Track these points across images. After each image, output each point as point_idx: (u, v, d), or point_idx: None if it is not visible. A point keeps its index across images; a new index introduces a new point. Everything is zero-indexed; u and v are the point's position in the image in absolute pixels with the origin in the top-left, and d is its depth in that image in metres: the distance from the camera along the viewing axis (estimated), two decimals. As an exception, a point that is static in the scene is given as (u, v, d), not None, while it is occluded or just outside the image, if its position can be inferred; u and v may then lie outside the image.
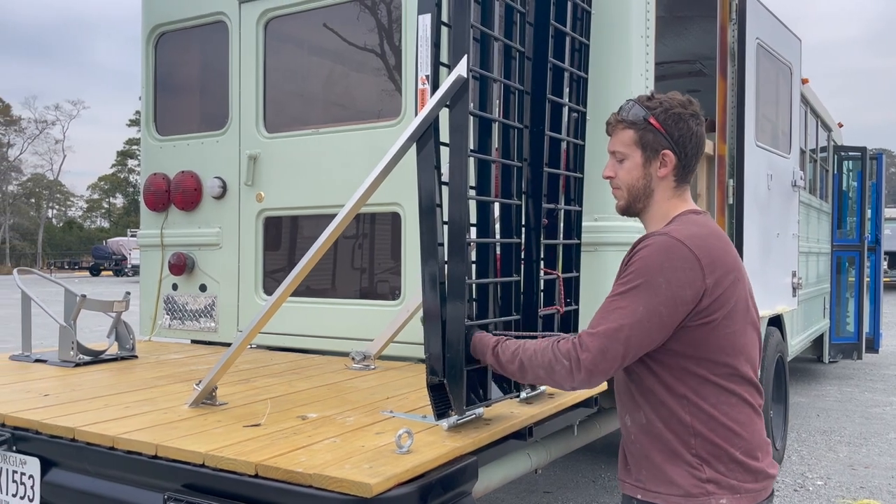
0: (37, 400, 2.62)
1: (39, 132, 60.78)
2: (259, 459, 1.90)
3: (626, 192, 1.93)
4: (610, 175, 1.95)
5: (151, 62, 4.49)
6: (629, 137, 1.89)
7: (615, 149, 1.93)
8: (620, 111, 1.93)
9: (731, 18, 4.46)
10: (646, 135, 1.87)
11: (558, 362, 1.82)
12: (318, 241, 2.36)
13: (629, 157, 1.90)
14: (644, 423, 1.83)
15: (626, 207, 1.96)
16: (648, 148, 1.88)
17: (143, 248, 4.52)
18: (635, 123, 1.88)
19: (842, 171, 8.83)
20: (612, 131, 1.95)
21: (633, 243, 1.83)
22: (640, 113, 1.88)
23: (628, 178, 1.91)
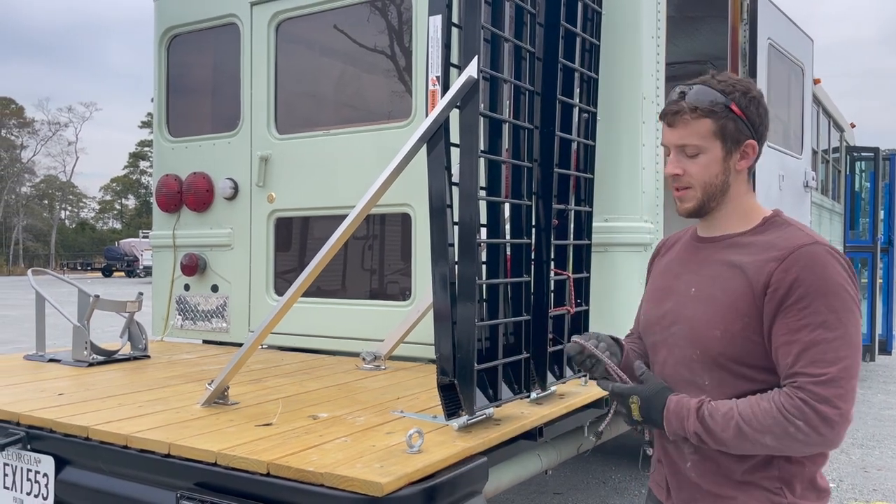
0: (51, 399, 2.64)
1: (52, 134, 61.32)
2: (271, 458, 1.91)
3: (701, 190, 1.65)
4: (677, 173, 1.66)
5: (164, 64, 4.52)
6: (706, 128, 1.61)
7: (687, 141, 1.63)
8: (689, 97, 1.62)
9: (743, 19, 4.44)
10: (727, 124, 1.60)
11: (792, 424, 1.47)
12: (329, 241, 2.37)
13: (706, 150, 1.62)
14: (712, 453, 1.60)
15: (697, 209, 1.67)
16: (729, 139, 1.62)
17: (155, 249, 4.55)
18: (714, 112, 1.60)
19: (854, 172, 8.78)
20: (677, 121, 1.63)
21: (787, 248, 1.55)
22: (720, 99, 1.60)
23: (705, 174, 1.63)
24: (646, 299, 1.85)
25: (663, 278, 1.79)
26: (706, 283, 1.65)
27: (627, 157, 3.18)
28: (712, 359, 1.60)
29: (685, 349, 1.65)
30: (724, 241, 1.68)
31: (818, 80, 6.18)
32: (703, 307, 1.62)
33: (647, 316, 1.80)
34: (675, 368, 1.68)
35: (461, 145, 2.24)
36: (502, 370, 2.37)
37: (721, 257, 1.65)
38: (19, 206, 57.70)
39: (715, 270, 1.64)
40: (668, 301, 1.73)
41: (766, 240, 1.62)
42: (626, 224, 3.17)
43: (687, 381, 1.65)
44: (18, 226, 56.39)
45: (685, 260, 1.76)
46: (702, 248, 1.73)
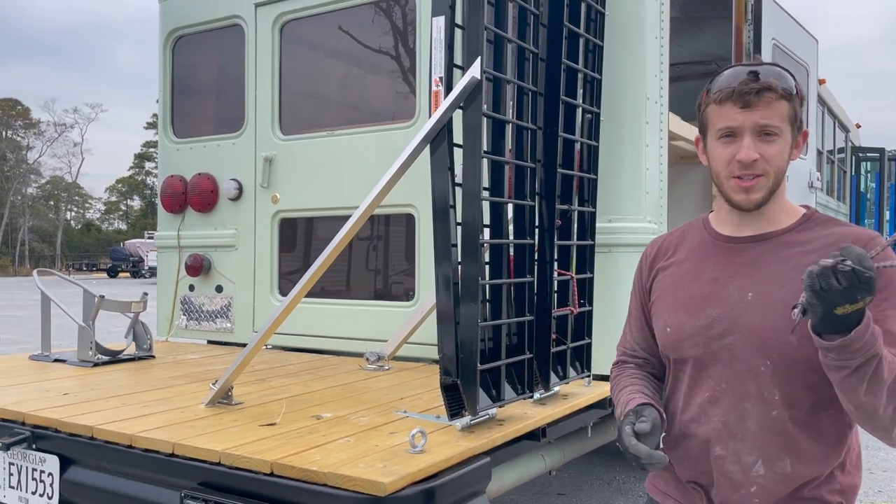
0: (56, 399, 2.65)
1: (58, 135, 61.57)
2: (274, 458, 1.91)
3: (774, 178, 1.52)
4: (755, 157, 1.50)
5: (169, 65, 4.54)
6: (785, 110, 1.50)
7: (769, 122, 1.49)
8: (763, 76, 1.49)
9: (747, 19, 4.44)
10: (797, 109, 1.52)
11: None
12: (333, 242, 2.38)
13: (784, 133, 1.51)
14: (789, 471, 1.50)
15: (764, 199, 1.54)
16: (796, 126, 1.53)
17: (160, 250, 4.56)
18: (791, 94, 1.50)
19: (860, 173, 8.75)
20: (758, 101, 1.48)
21: (859, 241, 1.46)
22: (791, 82, 1.51)
23: (780, 160, 1.51)
24: (668, 309, 1.65)
25: (694, 284, 1.62)
26: (767, 287, 1.51)
27: (631, 158, 3.18)
28: (788, 368, 1.48)
29: (752, 361, 1.51)
30: (769, 240, 1.57)
31: (823, 81, 6.17)
32: (771, 313, 1.48)
33: (680, 327, 1.61)
34: (738, 384, 1.53)
35: (464, 146, 2.24)
36: (505, 370, 2.37)
37: (776, 258, 1.53)
38: (25, 207, 57.92)
39: (775, 272, 1.52)
40: (712, 309, 1.56)
41: (825, 235, 1.52)
42: (630, 225, 3.17)
43: (753, 396, 1.52)
44: (24, 227, 56.60)
45: (721, 263, 1.60)
46: (741, 249, 1.59)
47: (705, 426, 1.58)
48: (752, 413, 1.52)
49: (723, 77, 1.54)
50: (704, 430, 1.58)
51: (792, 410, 1.50)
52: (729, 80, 1.52)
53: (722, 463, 1.55)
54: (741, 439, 1.53)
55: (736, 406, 1.54)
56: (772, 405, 1.51)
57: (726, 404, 1.55)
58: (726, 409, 1.55)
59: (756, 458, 1.52)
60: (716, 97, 1.53)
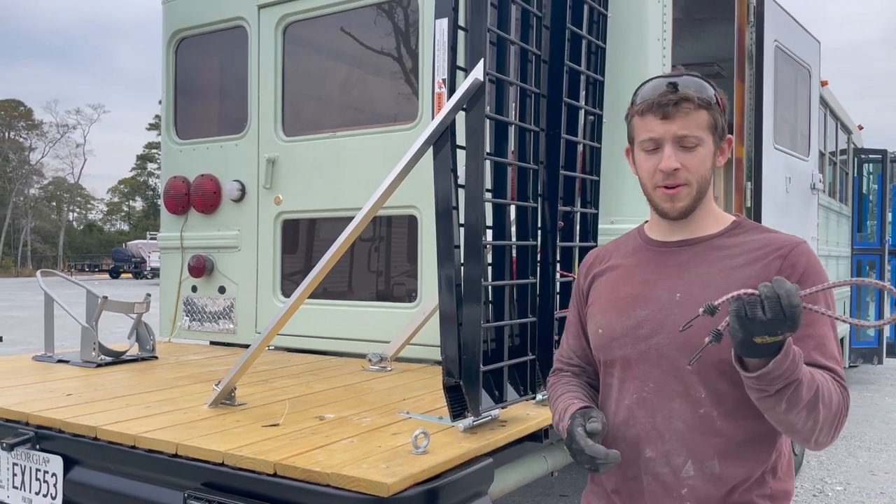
0: (59, 399, 2.66)
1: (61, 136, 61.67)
2: (277, 459, 1.92)
3: (697, 187, 1.55)
4: (676, 167, 1.53)
5: (172, 67, 4.55)
6: (704, 120, 1.53)
7: (687, 132, 1.53)
8: (682, 87, 1.53)
9: (749, 21, 4.44)
10: (717, 117, 1.55)
11: (840, 409, 1.44)
12: (336, 243, 2.38)
13: (704, 142, 1.54)
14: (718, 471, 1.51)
15: (690, 207, 1.57)
16: (717, 133, 1.56)
17: (162, 251, 4.57)
18: (709, 104, 1.54)
19: (862, 174, 8.74)
20: (676, 112, 1.53)
21: (784, 247, 1.52)
22: (710, 91, 1.55)
23: (702, 168, 1.54)
24: (601, 311, 1.68)
25: (626, 286, 1.65)
26: (695, 288, 1.54)
27: (633, 160, 3.18)
28: (713, 366, 1.49)
29: (677, 360, 1.53)
30: (701, 243, 1.60)
31: (825, 82, 6.17)
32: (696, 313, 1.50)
33: (611, 328, 1.63)
34: (665, 383, 1.55)
35: (467, 148, 2.25)
36: (508, 372, 2.37)
37: (705, 261, 1.57)
38: (27, 207, 58.01)
39: (703, 274, 1.55)
40: (642, 309, 1.59)
41: (752, 240, 1.57)
42: (632, 226, 3.16)
43: (680, 395, 1.53)
44: (27, 227, 56.69)
45: (653, 266, 1.63)
46: (671, 252, 1.62)
47: (634, 428, 1.58)
48: (679, 412, 1.53)
49: (644, 89, 1.58)
50: (634, 433, 1.57)
51: (719, 408, 1.51)
52: (650, 92, 1.56)
53: (653, 465, 1.55)
54: (670, 440, 1.53)
55: (664, 406, 1.54)
56: (699, 403, 1.52)
57: (654, 405, 1.56)
58: (654, 410, 1.55)
59: (685, 458, 1.52)
60: (638, 109, 1.58)
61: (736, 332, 1.29)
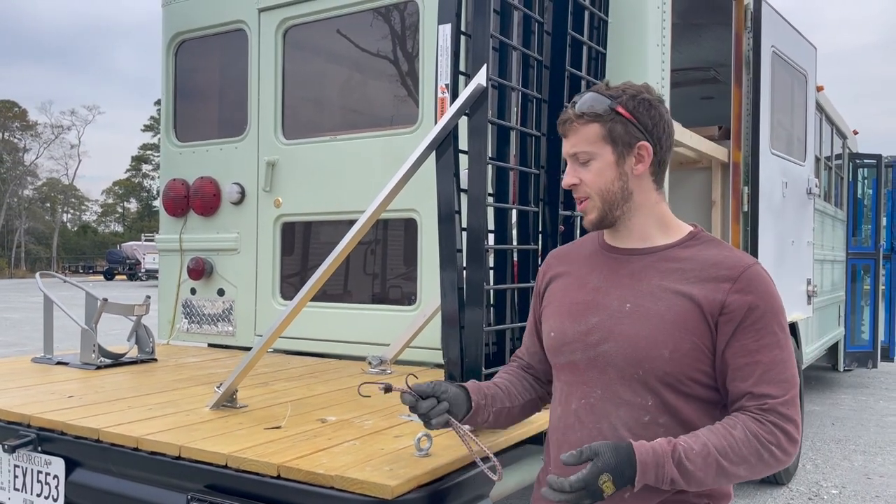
0: (61, 401, 2.66)
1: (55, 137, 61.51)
2: (281, 461, 1.93)
3: (600, 199, 1.61)
4: (573, 182, 1.63)
5: (171, 69, 4.56)
6: (595, 133, 1.59)
7: (578, 149, 1.61)
8: (577, 104, 1.61)
9: (747, 26, 4.47)
10: (615, 127, 1.58)
11: (766, 450, 1.46)
12: (339, 246, 2.39)
13: (597, 156, 1.60)
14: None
15: (601, 219, 1.64)
16: (620, 142, 1.59)
17: (161, 253, 4.57)
18: (600, 115, 1.58)
19: (857, 179, 8.80)
20: (568, 130, 1.62)
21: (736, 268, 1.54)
22: (604, 102, 1.59)
23: (600, 181, 1.60)
24: (554, 314, 1.72)
25: (579, 292, 1.68)
26: (645, 300, 1.57)
27: (632, 164, 3.20)
28: (658, 378, 1.54)
29: (624, 369, 1.57)
30: (653, 253, 1.63)
31: (821, 88, 6.21)
32: (645, 325, 1.55)
33: (562, 332, 1.67)
34: (612, 390, 1.58)
35: (470, 152, 2.27)
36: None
37: (657, 272, 1.60)
38: (21, 208, 57.81)
39: (653, 286, 1.58)
40: (593, 316, 1.63)
41: (706, 256, 1.58)
42: (631, 230, 3.19)
43: (627, 402, 1.57)
44: (21, 228, 56.49)
45: (606, 272, 1.66)
46: (624, 260, 1.65)
47: (579, 433, 1.62)
48: (624, 420, 1.56)
49: None
50: (578, 437, 1.61)
51: (665, 416, 1.55)
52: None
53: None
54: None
55: (610, 412, 1.58)
56: (645, 410, 1.55)
57: (600, 410, 1.60)
58: (600, 416, 1.60)
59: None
60: None
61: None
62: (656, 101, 1.63)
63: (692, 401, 1.55)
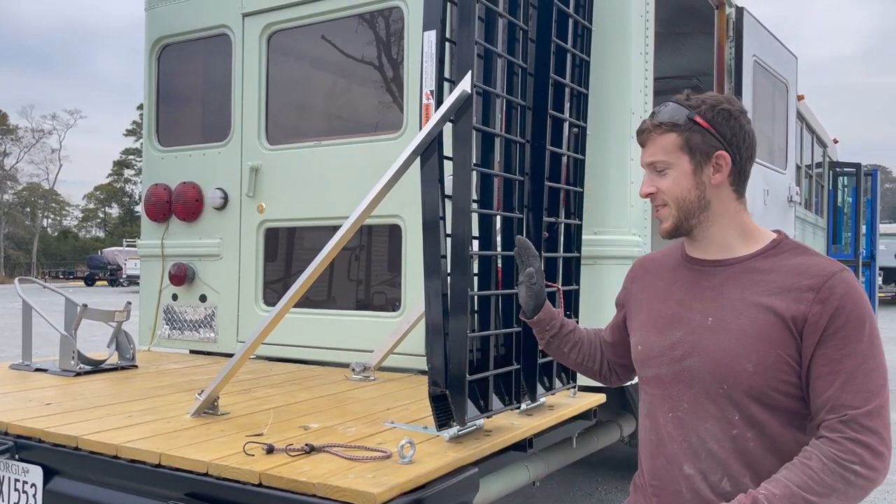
0: (39, 409, 2.63)
1: (36, 141, 60.78)
2: (263, 468, 1.91)
3: (676, 207, 1.62)
4: (650, 191, 1.65)
5: (154, 74, 4.53)
6: (672, 142, 1.61)
7: (654, 159, 1.63)
8: (655, 115, 1.64)
9: (729, 36, 4.51)
10: (692, 136, 1.59)
11: (849, 471, 1.42)
12: (322, 252, 2.38)
13: (674, 165, 1.61)
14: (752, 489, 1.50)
15: (676, 227, 1.64)
16: (697, 151, 1.60)
17: (143, 259, 4.53)
18: (678, 125, 1.60)
19: (837, 187, 8.90)
20: (646, 140, 1.65)
21: (820, 276, 1.51)
22: (683, 113, 1.60)
23: (677, 190, 1.61)
24: (640, 327, 1.75)
25: (664, 305, 1.70)
26: (727, 313, 1.57)
27: (616, 171, 3.22)
28: (744, 392, 1.53)
29: (709, 384, 1.57)
30: (734, 265, 1.62)
31: (802, 97, 6.28)
32: (727, 339, 1.55)
33: (649, 346, 1.70)
34: (699, 404, 1.59)
35: (454, 159, 2.26)
36: (493, 381, 2.38)
37: (738, 284, 1.59)
38: (1, 214, 57.12)
39: (735, 299, 1.57)
40: (676, 330, 1.64)
41: (789, 266, 1.56)
42: (615, 237, 3.20)
43: (713, 416, 1.57)
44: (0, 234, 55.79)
45: (688, 285, 1.67)
46: (705, 272, 1.66)
47: (671, 446, 1.63)
48: (712, 433, 1.57)
49: None
50: (671, 450, 1.63)
51: (752, 430, 1.54)
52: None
53: (692, 481, 1.60)
54: (705, 459, 1.58)
55: (697, 426, 1.59)
56: (732, 425, 1.55)
57: (688, 424, 1.60)
58: (688, 429, 1.60)
59: (721, 475, 1.56)
60: None
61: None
62: (737, 112, 1.62)
63: (779, 413, 1.54)
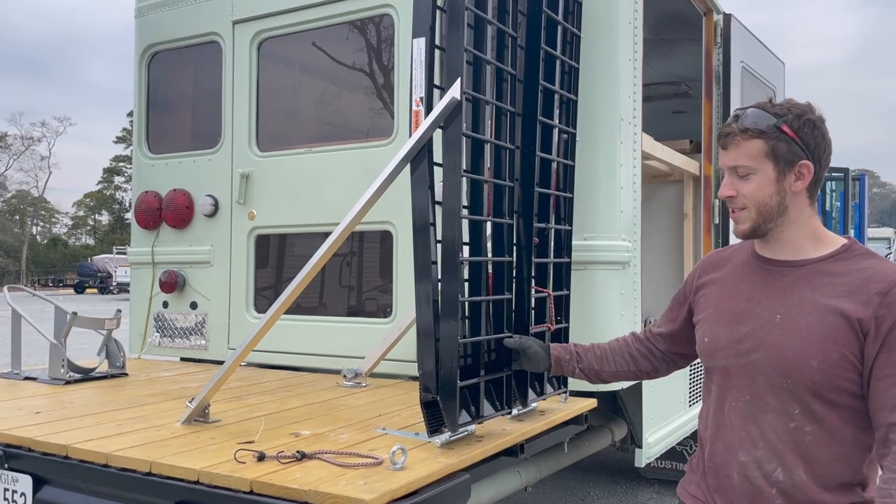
0: (28, 417, 2.61)
1: (25, 149, 60.48)
2: (254, 476, 1.91)
3: (756, 211, 1.69)
4: (730, 194, 1.71)
5: (144, 81, 4.52)
6: (758, 149, 1.66)
7: (738, 163, 1.68)
8: (741, 119, 1.68)
9: (717, 42, 4.55)
10: (778, 145, 1.65)
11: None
12: (313, 259, 2.38)
13: (758, 171, 1.67)
14: (805, 479, 1.63)
15: (753, 230, 1.71)
16: (782, 160, 1.66)
17: (133, 266, 4.51)
18: (765, 132, 1.65)
19: (825, 192, 8.96)
20: (730, 143, 1.70)
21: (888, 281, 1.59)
22: (770, 120, 1.65)
23: (759, 195, 1.67)
24: (708, 320, 1.83)
25: (733, 300, 1.78)
26: (795, 311, 1.65)
27: (605, 177, 3.23)
28: (806, 387, 1.61)
29: (773, 377, 1.66)
30: (804, 266, 1.69)
31: (789, 103, 6.32)
32: (794, 336, 1.63)
33: (717, 338, 1.78)
34: (760, 396, 1.68)
35: (444, 165, 2.27)
36: (484, 387, 2.39)
37: (808, 285, 1.66)
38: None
39: (804, 299, 1.65)
40: (744, 325, 1.72)
41: (858, 269, 1.64)
42: (605, 242, 3.22)
43: (774, 408, 1.66)
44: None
45: (758, 283, 1.75)
46: (776, 271, 1.73)
47: (730, 433, 1.74)
48: (772, 424, 1.67)
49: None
50: (729, 437, 1.74)
51: (811, 424, 1.63)
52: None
53: (745, 468, 1.70)
54: (762, 448, 1.68)
55: (758, 417, 1.69)
56: (791, 418, 1.64)
57: (749, 415, 1.70)
58: (748, 419, 1.70)
59: (776, 465, 1.66)
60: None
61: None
62: (819, 121, 1.68)
63: (838, 409, 1.61)
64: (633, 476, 5.19)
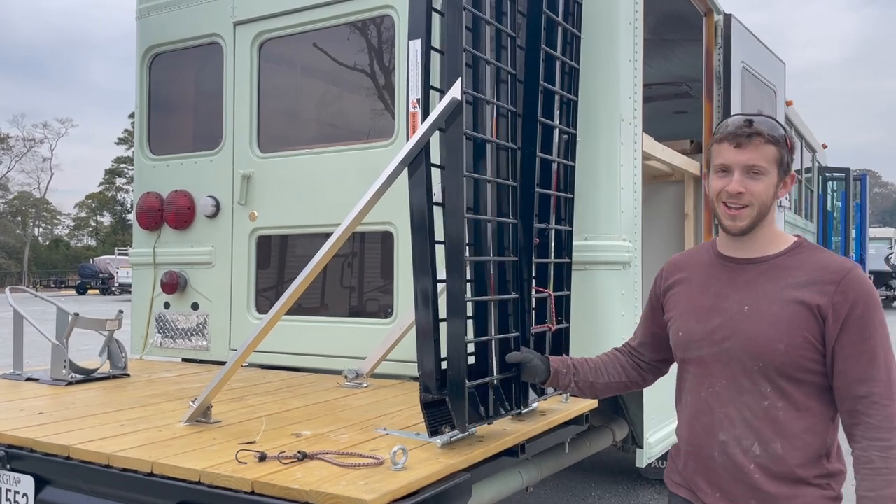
0: (30, 418, 2.62)
1: (27, 150, 60.54)
2: (255, 476, 1.91)
3: (758, 210, 1.83)
4: (740, 190, 1.81)
5: (146, 82, 4.53)
6: (772, 154, 1.81)
7: (756, 163, 1.80)
8: (756, 124, 1.81)
9: (717, 43, 4.55)
10: (784, 155, 1.83)
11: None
12: (314, 260, 2.39)
13: (769, 173, 1.81)
14: (780, 452, 1.79)
15: (749, 227, 1.85)
16: (783, 168, 1.84)
17: (135, 267, 4.52)
18: (778, 141, 1.82)
19: (826, 192, 8.95)
20: (750, 143, 1.80)
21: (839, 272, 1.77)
22: (780, 131, 1.83)
23: (764, 196, 1.82)
24: (681, 316, 1.97)
25: (702, 297, 1.93)
26: (761, 302, 1.82)
27: (606, 177, 3.24)
28: (775, 369, 1.79)
29: (746, 362, 1.82)
30: (765, 262, 1.87)
31: (790, 102, 6.33)
32: (763, 324, 1.80)
33: (690, 332, 1.93)
34: (735, 380, 1.84)
35: (447, 165, 2.27)
36: (493, 387, 2.39)
37: (769, 279, 1.83)
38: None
39: (768, 290, 1.82)
40: (716, 318, 1.88)
41: (811, 263, 1.82)
42: (605, 243, 3.22)
43: (748, 390, 1.82)
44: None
45: (724, 280, 1.90)
46: (739, 268, 1.89)
47: (709, 416, 1.88)
48: (747, 404, 1.82)
49: (726, 122, 1.88)
50: (708, 420, 1.88)
51: (782, 401, 1.79)
52: (730, 125, 1.85)
53: (725, 446, 1.84)
54: (740, 426, 1.82)
55: (734, 399, 1.84)
56: (764, 397, 1.81)
57: (726, 398, 1.85)
58: (726, 402, 1.85)
59: (753, 440, 1.81)
60: (717, 138, 1.87)
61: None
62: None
63: (803, 385, 1.79)
64: (635, 476, 5.19)
